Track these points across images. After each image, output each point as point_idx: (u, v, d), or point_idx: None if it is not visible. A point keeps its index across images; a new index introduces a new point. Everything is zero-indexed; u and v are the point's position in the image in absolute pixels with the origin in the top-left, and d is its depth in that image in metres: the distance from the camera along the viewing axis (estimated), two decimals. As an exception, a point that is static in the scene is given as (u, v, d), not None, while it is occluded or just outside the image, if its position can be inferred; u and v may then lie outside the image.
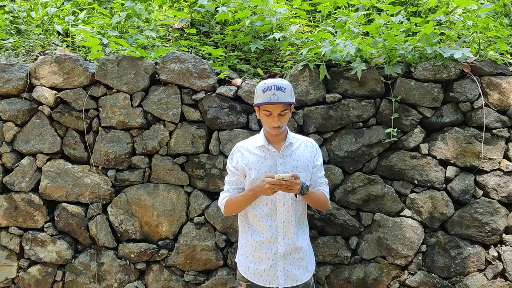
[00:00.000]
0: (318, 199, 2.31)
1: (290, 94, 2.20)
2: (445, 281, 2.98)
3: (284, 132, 2.31)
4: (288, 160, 2.28)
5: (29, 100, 3.04)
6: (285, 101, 2.16)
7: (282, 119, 2.21)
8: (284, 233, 2.28)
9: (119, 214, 3.02)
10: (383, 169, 2.97)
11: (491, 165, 2.95)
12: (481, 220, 2.95)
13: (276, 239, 2.27)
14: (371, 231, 2.99)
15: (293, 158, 2.29)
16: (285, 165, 2.27)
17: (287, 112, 2.22)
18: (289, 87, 2.20)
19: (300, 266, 2.30)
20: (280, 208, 2.27)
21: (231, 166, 2.35)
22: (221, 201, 2.36)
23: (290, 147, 2.31)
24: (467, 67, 2.92)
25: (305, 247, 2.33)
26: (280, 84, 2.17)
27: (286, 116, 2.22)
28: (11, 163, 3.05)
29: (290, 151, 2.30)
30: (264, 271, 2.27)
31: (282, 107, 2.17)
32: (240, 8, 3.50)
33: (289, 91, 2.19)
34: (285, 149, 2.29)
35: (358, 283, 2.98)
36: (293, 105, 2.28)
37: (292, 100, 2.22)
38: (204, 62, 2.97)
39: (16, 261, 3.09)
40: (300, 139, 2.37)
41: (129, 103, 2.98)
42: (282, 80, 2.21)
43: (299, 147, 2.33)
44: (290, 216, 2.28)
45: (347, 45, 2.82)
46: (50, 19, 3.73)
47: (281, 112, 2.19)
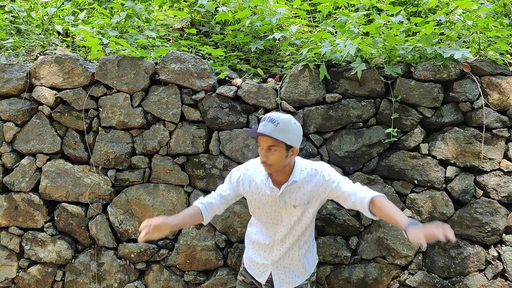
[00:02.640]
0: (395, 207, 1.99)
1: (284, 132, 1.96)
2: (445, 281, 2.98)
3: (288, 168, 2.11)
4: (288, 198, 2.14)
5: (29, 100, 3.04)
6: (271, 135, 1.95)
7: (270, 155, 2.00)
8: (280, 246, 2.26)
9: (119, 214, 3.02)
10: (383, 169, 2.97)
11: (491, 165, 2.95)
12: (481, 220, 2.95)
13: (273, 248, 2.28)
14: (371, 231, 2.99)
15: (293, 196, 2.14)
16: (285, 203, 2.15)
17: (277, 149, 1.99)
18: (285, 123, 1.97)
19: (293, 270, 2.29)
20: (282, 223, 2.22)
21: (228, 179, 2.28)
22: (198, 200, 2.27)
23: (293, 185, 2.13)
24: (467, 67, 2.92)
25: (301, 261, 2.28)
26: (276, 117, 1.98)
27: (276, 154, 2.00)
28: (11, 163, 3.05)
29: (292, 187, 2.14)
30: (257, 264, 2.33)
31: (269, 141, 1.98)
32: (240, 8, 3.50)
33: (283, 128, 1.96)
34: (287, 188, 2.13)
35: (358, 283, 2.98)
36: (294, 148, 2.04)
37: (284, 139, 1.96)
38: (204, 62, 2.97)
39: (16, 261, 3.09)
40: (306, 169, 2.14)
41: (129, 103, 2.98)
42: (281, 115, 2.00)
43: (303, 181, 2.13)
44: (290, 233, 2.22)
45: (347, 45, 2.82)
46: (50, 19, 3.73)
47: (270, 147, 1.99)
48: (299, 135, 2.05)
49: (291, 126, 2.00)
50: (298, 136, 2.04)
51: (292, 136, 2.01)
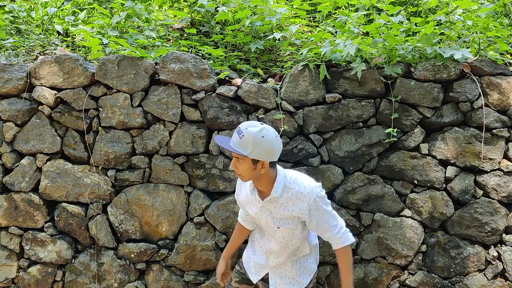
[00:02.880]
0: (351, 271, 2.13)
1: (247, 145, 1.86)
2: (445, 281, 2.98)
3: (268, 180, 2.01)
4: (271, 211, 2.08)
5: (29, 100, 3.04)
6: (233, 147, 1.90)
7: (238, 165, 1.94)
8: (277, 255, 2.24)
9: (119, 214, 3.02)
10: (383, 169, 2.97)
11: (491, 165, 2.95)
12: (481, 220, 2.95)
13: (270, 255, 2.27)
14: (371, 231, 2.99)
15: (278, 211, 2.07)
16: (268, 214, 2.10)
17: (242, 161, 1.92)
18: (249, 136, 1.86)
19: (289, 277, 2.26)
20: (275, 241, 2.19)
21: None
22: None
23: (274, 201, 2.05)
24: (467, 67, 2.92)
25: (297, 270, 2.26)
26: (243, 129, 1.89)
27: (243, 166, 1.93)
28: (11, 163, 3.05)
29: (274, 203, 2.06)
30: (255, 263, 2.33)
31: (235, 153, 1.92)
32: (240, 8, 3.50)
33: (247, 141, 1.86)
34: (267, 202, 2.07)
35: (358, 283, 2.98)
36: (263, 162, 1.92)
37: (247, 153, 1.87)
38: (204, 62, 2.97)
39: (16, 261, 3.09)
40: (292, 190, 2.02)
41: (129, 103, 2.98)
42: (250, 127, 1.89)
43: (287, 201, 2.03)
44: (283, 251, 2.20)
45: (347, 45, 2.82)
46: (50, 19, 3.73)
47: (237, 158, 1.94)
48: (269, 149, 1.89)
49: (257, 139, 1.86)
50: (266, 150, 1.88)
51: (258, 150, 1.87)
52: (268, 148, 1.89)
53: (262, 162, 1.92)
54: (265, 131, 1.89)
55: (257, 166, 1.93)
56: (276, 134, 1.94)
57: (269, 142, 1.89)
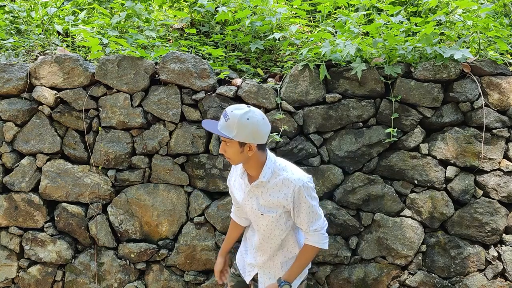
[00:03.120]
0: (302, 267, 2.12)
1: (232, 128, 1.87)
2: (445, 281, 2.98)
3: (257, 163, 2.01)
4: (258, 197, 2.07)
5: (29, 100, 3.04)
6: (220, 130, 1.91)
7: (227, 148, 1.95)
8: (263, 252, 2.19)
9: (119, 214, 3.02)
10: (383, 169, 2.97)
11: (491, 165, 2.95)
12: (481, 220, 2.95)
13: (259, 249, 2.22)
14: (371, 231, 2.99)
15: (264, 197, 2.05)
16: (254, 200, 2.08)
17: (230, 144, 1.93)
18: (234, 119, 1.86)
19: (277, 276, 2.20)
20: (258, 232, 2.17)
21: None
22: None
23: (261, 186, 2.04)
24: (467, 67, 2.92)
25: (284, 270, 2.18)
26: (229, 112, 1.89)
27: (231, 149, 1.94)
28: (11, 163, 3.05)
29: (262, 189, 2.05)
30: (245, 262, 2.31)
31: (222, 136, 1.93)
32: (240, 8, 3.50)
33: (232, 124, 1.87)
34: (255, 186, 2.05)
35: (358, 283, 2.98)
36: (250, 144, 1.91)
37: (233, 135, 1.88)
38: (204, 62, 2.97)
39: (16, 261, 3.09)
40: (280, 176, 2.01)
41: (129, 103, 2.98)
42: (235, 110, 1.89)
43: (273, 186, 2.02)
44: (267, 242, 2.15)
45: (347, 45, 2.82)
46: (50, 19, 3.73)
47: (224, 141, 1.95)
48: (255, 131, 1.88)
49: (242, 122, 1.86)
50: (252, 132, 1.88)
51: (244, 133, 1.87)
52: (254, 130, 1.88)
53: (250, 144, 1.91)
54: (250, 113, 1.88)
55: (245, 149, 1.92)
56: (263, 117, 1.92)
57: (254, 124, 1.88)
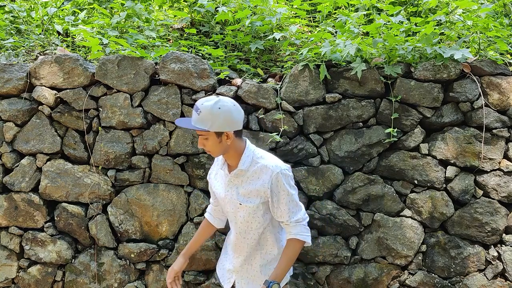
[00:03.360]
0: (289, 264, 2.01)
1: (206, 120, 1.87)
2: (445, 281, 2.98)
3: (237, 152, 2.01)
4: (238, 186, 2.04)
5: (29, 100, 3.04)
6: (194, 125, 1.90)
7: (205, 142, 1.94)
8: (239, 252, 2.14)
9: (119, 214, 3.02)
10: (383, 169, 2.97)
11: (491, 165, 2.95)
12: (481, 220, 2.95)
13: (235, 251, 2.17)
14: (371, 231, 2.99)
15: (244, 186, 2.03)
16: (234, 190, 2.05)
17: (207, 137, 1.92)
18: (206, 110, 1.86)
19: (254, 282, 2.13)
20: (235, 226, 2.11)
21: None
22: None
23: (241, 175, 2.02)
24: (467, 67, 2.92)
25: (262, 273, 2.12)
26: (199, 105, 1.89)
27: (209, 141, 1.93)
28: (11, 163, 3.05)
29: (241, 178, 2.03)
30: (224, 269, 2.25)
31: (198, 130, 1.92)
32: (240, 8, 3.50)
33: (205, 116, 1.87)
34: (234, 175, 2.04)
35: (358, 283, 2.98)
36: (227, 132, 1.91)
37: (208, 127, 1.87)
38: (204, 62, 2.97)
39: (16, 261, 3.09)
40: (258, 164, 2.00)
41: (129, 103, 2.98)
42: (205, 102, 1.89)
43: (252, 174, 2.01)
44: (244, 239, 2.10)
45: (347, 45, 2.82)
46: (50, 19, 3.73)
47: (201, 135, 1.94)
48: (228, 118, 1.88)
49: (214, 112, 1.86)
50: (226, 120, 1.88)
51: (218, 122, 1.87)
52: (227, 118, 1.88)
53: (226, 133, 1.91)
54: (220, 102, 1.89)
55: (222, 138, 1.93)
56: (234, 103, 1.92)
57: (227, 112, 1.88)
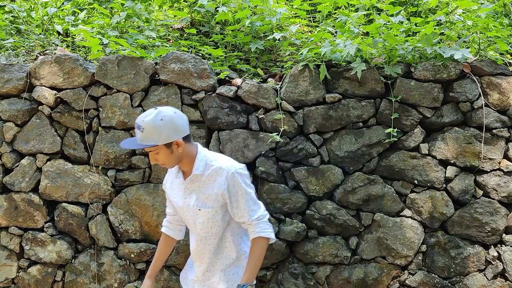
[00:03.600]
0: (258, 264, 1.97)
1: (151, 135, 1.83)
2: (445, 281, 2.98)
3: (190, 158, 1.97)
4: (195, 191, 2.00)
5: (29, 100, 3.04)
6: (140, 145, 1.85)
7: (157, 157, 1.90)
8: (200, 260, 2.09)
9: (119, 214, 3.02)
10: (383, 169, 2.97)
11: (491, 165, 2.95)
12: (481, 220, 2.95)
13: (195, 264, 2.13)
14: (371, 231, 2.99)
15: (201, 191, 1.99)
16: (192, 197, 2.01)
17: (158, 151, 1.88)
18: (149, 126, 1.83)
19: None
20: (195, 233, 2.07)
21: None
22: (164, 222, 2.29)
23: (196, 180, 1.99)
24: (467, 67, 2.92)
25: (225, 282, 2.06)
26: (140, 122, 1.85)
27: (161, 155, 1.89)
28: (11, 163, 3.05)
29: (197, 183, 2.00)
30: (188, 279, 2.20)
31: (147, 148, 1.87)
32: (240, 8, 3.50)
33: (149, 132, 1.83)
34: (190, 182, 2.00)
35: (358, 283, 2.98)
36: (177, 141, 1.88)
37: (155, 141, 1.84)
38: (204, 62, 2.97)
39: (16, 261, 3.09)
40: (213, 167, 1.97)
41: (129, 103, 2.98)
42: (146, 117, 1.84)
43: (208, 178, 1.97)
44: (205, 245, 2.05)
45: (347, 45, 2.82)
46: (50, 19, 3.73)
47: (151, 152, 1.90)
48: (173, 127, 1.86)
49: (157, 125, 1.83)
50: (171, 129, 1.85)
51: (164, 134, 1.84)
52: (172, 127, 1.86)
53: (176, 142, 1.88)
54: (161, 113, 1.86)
55: (173, 148, 1.90)
56: (174, 111, 1.90)
57: (170, 121, 1.86)
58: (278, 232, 2.96)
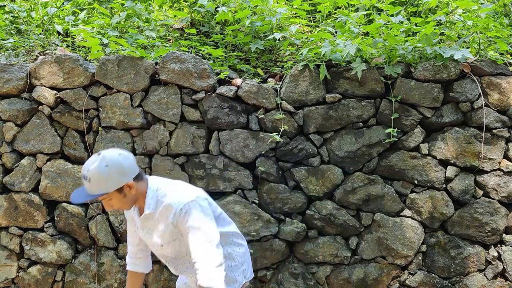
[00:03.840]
0: None
1: (99, 184, 1.76)
2: (445, 281, 2.98)
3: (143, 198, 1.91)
4: (151, 228, 1.95)
5: (29, 100, 3.04)
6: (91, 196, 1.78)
7: (111, 203, 1.84)
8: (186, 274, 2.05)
9: (119, 214, 3.02)
10: (383, 169, 2.97)
11: (491, 165, 2.95)
12: (481, 220, 2.95)
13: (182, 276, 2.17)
14: (371, 231, 2.99)
15: (157, 228, 1.92)
16: (151, 233, 1.96)
17: (110, 197, 1.82)
18: (95, 175, 1.75)
19: None
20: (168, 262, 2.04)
21: None
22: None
23: (150, 218, 1.92)
24: (467, 67, 2.92)
25: None
26: (86, 172, 1.77)
27: (114, 200, 1.83)
28: (11, 163, 3.05)
29: (151, 221, 1.93)
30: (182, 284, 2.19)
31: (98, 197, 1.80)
32: (240, 8, 3.50)
33: (96, 181, 1.75)
34: (144, 219, 1.94)
35: (358, 283, 2.99)
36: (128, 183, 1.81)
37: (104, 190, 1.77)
38: (204, 62, 2.97)
39: (16, 261, 3.09)
40: (163, 203, 1.88)
41: (129, 103, 2.98)
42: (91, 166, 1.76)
43: (160, 215, 1.90)
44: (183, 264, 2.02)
45: (347, 45, 2.82)
46: (50, 19, 3.73)
47: (102, 198, 1.82)
48: (120, 171, 1.78)
49: (103, 172, 1.75)
50: (119, 174, 1.78)
51: (113, 180, 1.77)
52: (119, 171, 1.78)
53: (127, 184, 1.82)
54: (105, 159, 1.78)
55: (125, 192, 1.83)
56: (119, 153, 1.82)
57: (116, 166, 1.78)
58: (278, 232, 2.96)
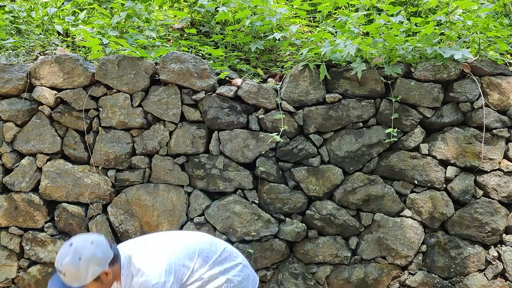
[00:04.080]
0: None
1: (75, 278, 1.73)
2: (445, 281, 2.98)
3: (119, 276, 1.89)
4: None
5: (29, 100, 3.04)
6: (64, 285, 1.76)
7: None
8: None
9: (119, 214, 3.02)
10: (383, 169, 2.97)
11: (491, 165, 2.95)
12: (481, 220, 2.95)
13: None
14: (371, 231, 2.99)
15: None
16: None
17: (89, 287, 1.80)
18: (70, 270, 1.72)
19: None
20: None
21: None
22: None
23: None
24: (467, 67, 2.92)
25: None
26: (59, 266, 1.75)
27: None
28: (11, 163, 3.05)
29: None
30: None
31: None
32: (240, 8, 3.50)
33: (71, 275, 1.73)
34: None
35: (358, 283, 2.99)
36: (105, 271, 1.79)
37: (81, 283, 1.74)
38: (204, 62, 2.97)
39: (16, 261, 3.09)
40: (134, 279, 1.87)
41: (129, 103, 2.98)
42: (65, 259, 1.74)
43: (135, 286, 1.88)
44: None
45: (347, 45, 2.82)
46: (50, 19, 3.73)
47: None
48: (95, 261, 1.75)
49: (77, 265, 1.72)
50: (94, 264, 1.75)
51: (88, 272, 1.74)
52: (94, 261, 1.76)
53: (103, 272, 1.79)
54: (77, 251, 1.75)
55: (102, 279, 1.81)
56: (91, 241, 1.79)
57: (89, 257, 1.76)
58: (278, 232, 2.96)
